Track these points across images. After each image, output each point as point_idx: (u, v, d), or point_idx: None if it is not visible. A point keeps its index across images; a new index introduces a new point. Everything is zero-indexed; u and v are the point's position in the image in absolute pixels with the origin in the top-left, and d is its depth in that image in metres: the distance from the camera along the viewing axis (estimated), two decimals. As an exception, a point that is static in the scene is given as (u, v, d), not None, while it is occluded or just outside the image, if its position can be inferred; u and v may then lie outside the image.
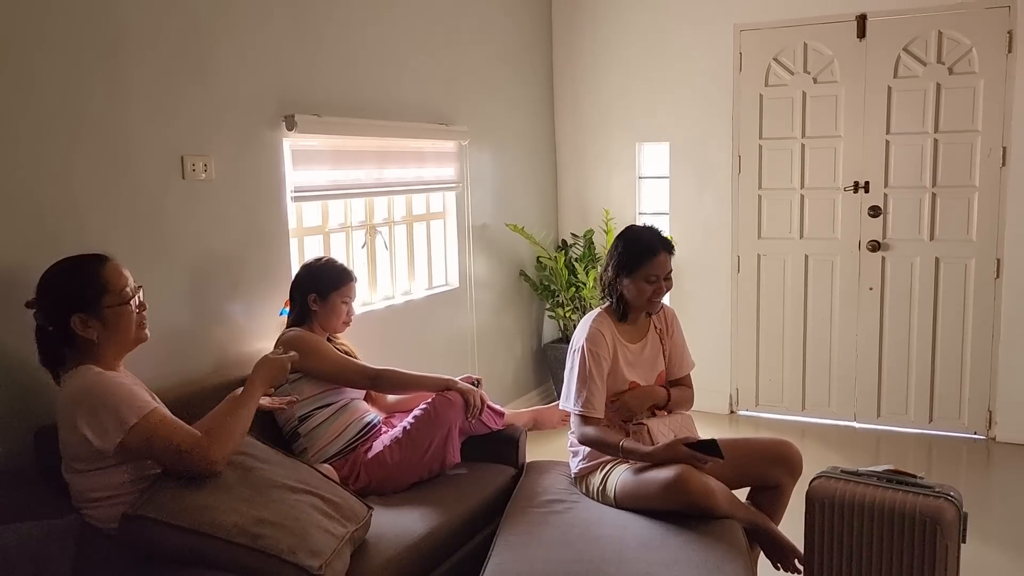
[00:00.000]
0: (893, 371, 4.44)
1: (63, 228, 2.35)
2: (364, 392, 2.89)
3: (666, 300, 2.84)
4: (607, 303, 2.74)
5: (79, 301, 1.98)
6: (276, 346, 2.75)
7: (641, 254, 2.62)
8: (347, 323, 2.87)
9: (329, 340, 2.86)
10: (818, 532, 2.31)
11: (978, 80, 4.10)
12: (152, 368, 2.49)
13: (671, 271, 2.67)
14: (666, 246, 2.66)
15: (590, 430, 2.57)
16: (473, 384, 2.88)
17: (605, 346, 2.62)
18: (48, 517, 1.95)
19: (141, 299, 2.11)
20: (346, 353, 2.88)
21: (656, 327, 2.79)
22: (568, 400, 2.65)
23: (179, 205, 2.69)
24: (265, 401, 2.36)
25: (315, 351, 2.71)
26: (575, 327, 4.78)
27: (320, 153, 3.26)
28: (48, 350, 2.03)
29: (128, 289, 2.05)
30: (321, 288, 2.79)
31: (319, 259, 2.90)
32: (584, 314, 4.73)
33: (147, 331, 2.12)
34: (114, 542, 1.95)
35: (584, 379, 2.59)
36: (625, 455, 2.52)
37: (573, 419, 2.63)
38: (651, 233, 2.69)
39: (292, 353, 2.34)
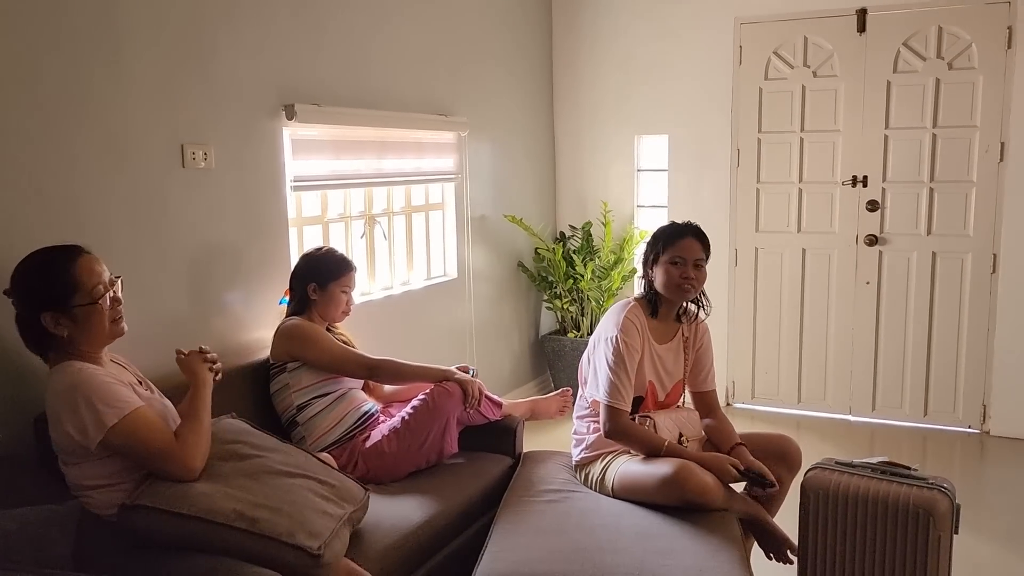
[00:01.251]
0: (889, 365, 4.46)
1: (64, 215, 2.35)
2: (362, 382, 2.89)
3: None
4: (640, 294, 2.72)
5: (48, 300, 1.95)
6: (275, 335, 2.77)
7: (668, 236, 2.61)
8: (346, 313, 2.88)
9: (328, 330, 2.87)
10: (812, 522, 2.33)
11: (977, 76, 4.11)
12: (151, 357, 2.50)
13: (702, 260, 2.62)
14: (696, 233, 2.63)
15: (621, 425, 2.53)
16: (468, 373, 2.89)
17: (637, 337, 2.60)
18: (48, 503, 1.97)
19: (116, 293, 2.05)
20: (344, 343, 2.89)
21: (684, 335, 2.74)
22: (597, 390, 2.62)
23: (179, 194, 2.70)
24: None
25: (313, 340, 2.72)
26: (573, 319, 4.82)
27: (320, 143, 3.26)
28: (30, 338, 2.02)
29: (100, 286, 2.00)
30: (320, 278, 2.80)
31: (319, 249, 2.90)
32: (582, 306, 4.77)
33: (124, 325, 2.07)
34: (113, 528, 1.96)
35: (614, 370, 2.55)
36: (669, 455, 2.50)
37: (603, 412, 2.57)
38: (684, 222, 2.68)
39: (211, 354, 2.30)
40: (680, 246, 2.59)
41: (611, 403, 2.54)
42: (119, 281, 2.08)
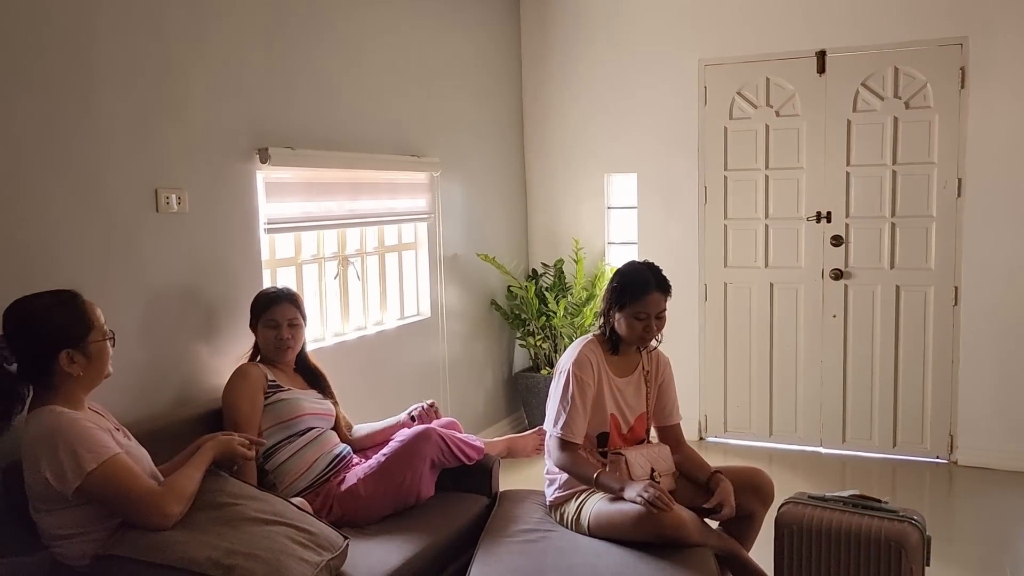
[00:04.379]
0: (857, 397, 4.53)
1: (36, 262, 2.34)
2: (333, 422, 2.88)
3: (663, 347, 2.84)
4: (599, 331, 2.76)
5: (70, 336, 1.98)
6: None
7: (633, 291, 2.63)
8: (283, 347, 2.79)
9: (304, 361, 2.89)
10: (787, 557, 2.36)
11: (933, 114, 4.24)
12: (123, 401, 2.49)
13: (664, 310, 2.66)
14: (661, 286, 2.65)
15: (567, 456, 2.58)
16: (424, 410, 2.93)
17: (591, 372, 2.64)
18: (17, 555, 1.93)
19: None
20: (314, 372, 2.91)
21: (644, 368, 2.78)
22: (549, 422, 2.66)
23: (152, 238, 2.69)
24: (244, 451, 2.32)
25: (229, 389, 2.67)
26: (546, 356, 4.84)
27: (293, 185, 3.28)
28: (5, 390, 1.98)
29: (105, 325, 2.06)
30: (252, 320, 2.83)
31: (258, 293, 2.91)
32: (555, 343, 4.79)
33: (111, 366, 2.11)
34: (85, 579, 1.93)
35: (566, 403, 2.60)
36: (598, 488, 2.54)
37: (552, 442, 2.63)
38: (648, 271, 2.69)
39: (246, 441, 2.30)
40: (645, 302, 2.62)
41: (561, 435, 2.58)
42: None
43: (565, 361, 2.68)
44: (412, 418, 3.01)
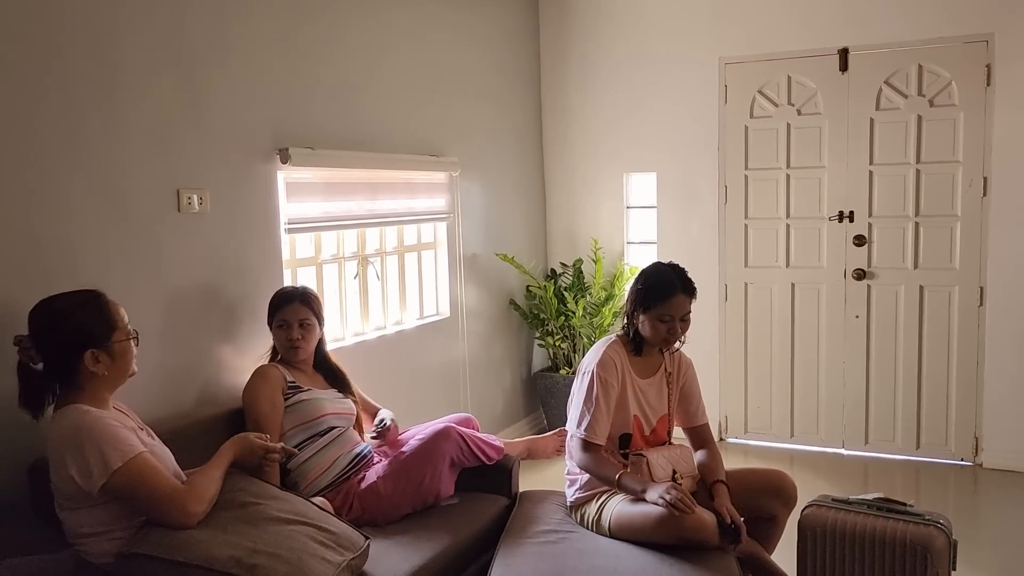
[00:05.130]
0: (880, 398, 4.48)
1: (59, 262, 2.36)
2: (353, 421, 2.88)
3: (686, 349, 2.82)
4: (623, 331, 2.75)
5: (94, 336, 2.00)
6: None
7: (658, 293, 2.61)
8: (294, 346, 2.78)
9: (324, 360, 2.90)
10: (810, 561, 2.33)
11: (958, 112, 4.19)
12: (147, 400, 2.50)
13: (689, 312, 2.64)
14: (686, 288, 2.63)
15: (589, 457, 2.57)
16: (385, 427, 2.84)
17: (615, 373, 2.62)
18: (43, 552, 1.95)
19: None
20: (334, 371, 2.90)
21: (667, 369, 2.76)
22: (572, 423, 2.65)
23: (174, 238, 2.71)
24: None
25: (249, 389, 2.68)
26: (565, 356, 4.83)
27: (313, 185, 3.29)
28: (33, 388, 2.02)
29: (129, 324, 2.08)
30: (269, 321, 2.84)
31: None
32: (574, 343, 4.78)
33: (135, 365, 2.13)
34: (109, 577, 1.95)
35: (590, 404, 2.59)
36: (620, 489, 2.53)
37: (575, 443, 2.62)
38: (672, 272, 2.66)
39: (275, 443, 2.30)
40: (670, 304, 2.60)
41: (584, 436, 2.57)
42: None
43: (589, 362, 2.67)
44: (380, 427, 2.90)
